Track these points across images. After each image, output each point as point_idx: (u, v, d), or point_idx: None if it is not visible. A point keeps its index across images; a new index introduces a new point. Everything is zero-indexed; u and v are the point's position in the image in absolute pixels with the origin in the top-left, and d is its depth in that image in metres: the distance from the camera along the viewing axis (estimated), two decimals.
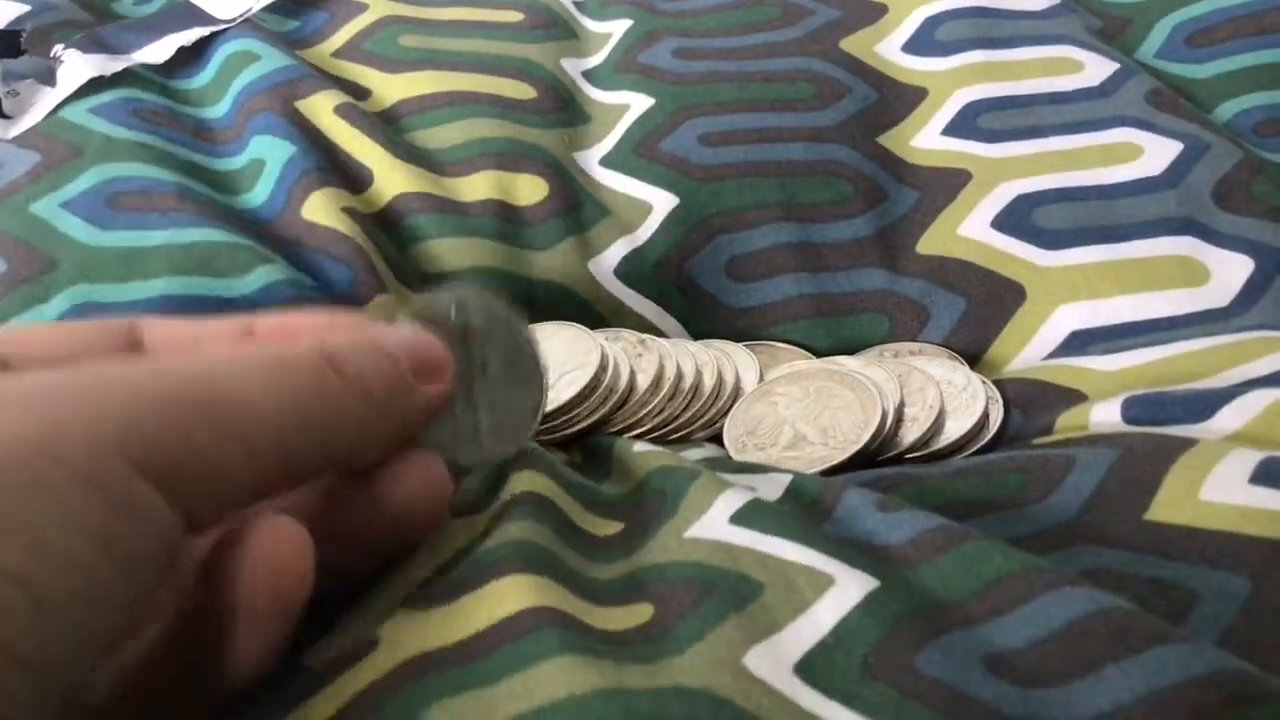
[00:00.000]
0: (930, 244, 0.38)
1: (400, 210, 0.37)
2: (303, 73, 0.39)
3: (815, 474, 0.30)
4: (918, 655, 0.18)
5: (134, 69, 0.39)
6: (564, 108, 0.41)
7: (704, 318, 0.38)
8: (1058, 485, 0.25)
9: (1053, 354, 0.35)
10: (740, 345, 0.37)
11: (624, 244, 0.38)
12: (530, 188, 0.38)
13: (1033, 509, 0.25)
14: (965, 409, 0.33)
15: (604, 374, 0.33)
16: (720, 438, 0.34)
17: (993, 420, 0.33)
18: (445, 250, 0.36)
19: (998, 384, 0.34)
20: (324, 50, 0.43)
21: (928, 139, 0.40)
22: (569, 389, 0.32)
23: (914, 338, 0.37)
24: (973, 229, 0.38)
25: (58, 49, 0.39)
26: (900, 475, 0.28)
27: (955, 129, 0.40)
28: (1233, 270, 0.35)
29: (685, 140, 0.40)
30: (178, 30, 0.42)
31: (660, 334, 0.37)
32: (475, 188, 0.37)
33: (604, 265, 0.38)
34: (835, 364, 0.35)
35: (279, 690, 0.18)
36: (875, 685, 0.17)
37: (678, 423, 0.34)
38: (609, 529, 0.24)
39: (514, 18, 0.45)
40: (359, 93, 0.41)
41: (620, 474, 0.28)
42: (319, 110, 0.38)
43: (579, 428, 0.32)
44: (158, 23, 0.42)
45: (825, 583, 0.19)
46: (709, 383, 0.34)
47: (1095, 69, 0.41)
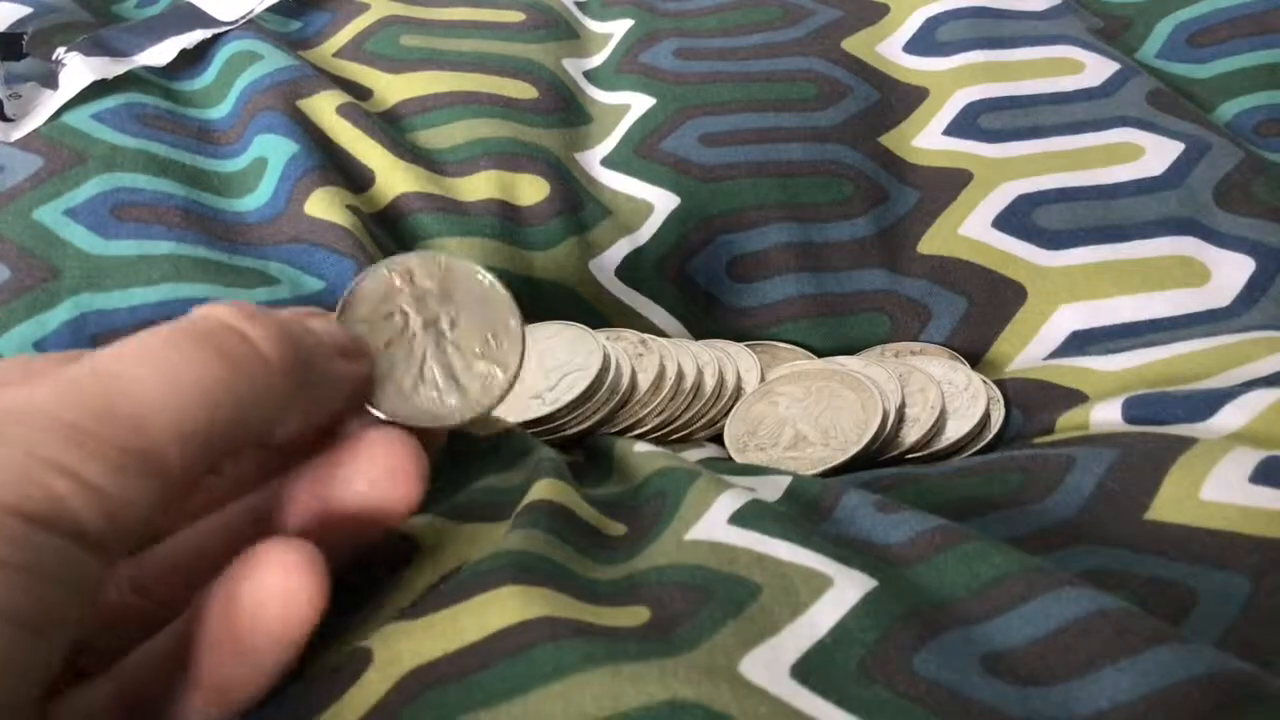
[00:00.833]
0: (931, 244, 0.38)
1: (402, 210, 0.37)
2: (305, 73, 0.39)
3: (816, 474, 0.31)
4: (915, 656, 0.18)
5: (136, 72, 0.39)
6: (565, 108, 0.41)
7: (705, 318, 0.38)
8: (1058, 485, 0.25)
9: (1054, 354, 0.36)
10: (741, 345, 0.37)
11: (625, 244, 0.38)
12: (532, 188, 0.38)
13: (1033, 508, 0.25)
14: (966, 409, 0.33)
15: (606, 374, 0.33)
16: (721, 438, 0.34)
17: (994, 420, 0.33)
18: (447, 249, 0.36)
19: (999, 384, 0.34)
20: (325, 50, 0.43)
21: (929, 139, 0.40)
22: (571, 390, 0.32)
23: (915, 338, 0.37)
24: (974, 229, 0.38)
25: (59, 52, 0.39)
26: (901, 475, 0.28)
27: (956, 129, 0.40)
28: (1234, 270, 0.35)
29: (686, 140, 0.40)
30: (180, 32, 0.41)
31: (661, 334, 0.37)
32: (477, 187, 0.37)
33: (605, 265, 0.38)
34: (836, 364, 0.35)
35: (274, 708, 0.18)
36: (873, 687, 0.17)
37: (679, 423, 0.34)
38: (616, 530, 0.24)
39: (515, 18, 0.45)
40: (361, 93, 0.41)
41: (621, 475, 0.28)
42: (321, 110, 0.39)
43: (581, 428, 0.32)
44: (159, 25, 0.42)
45: (823, 584, 0.19)
46: (710, 383, 0.34)
47: (1096, 69, 0.41)
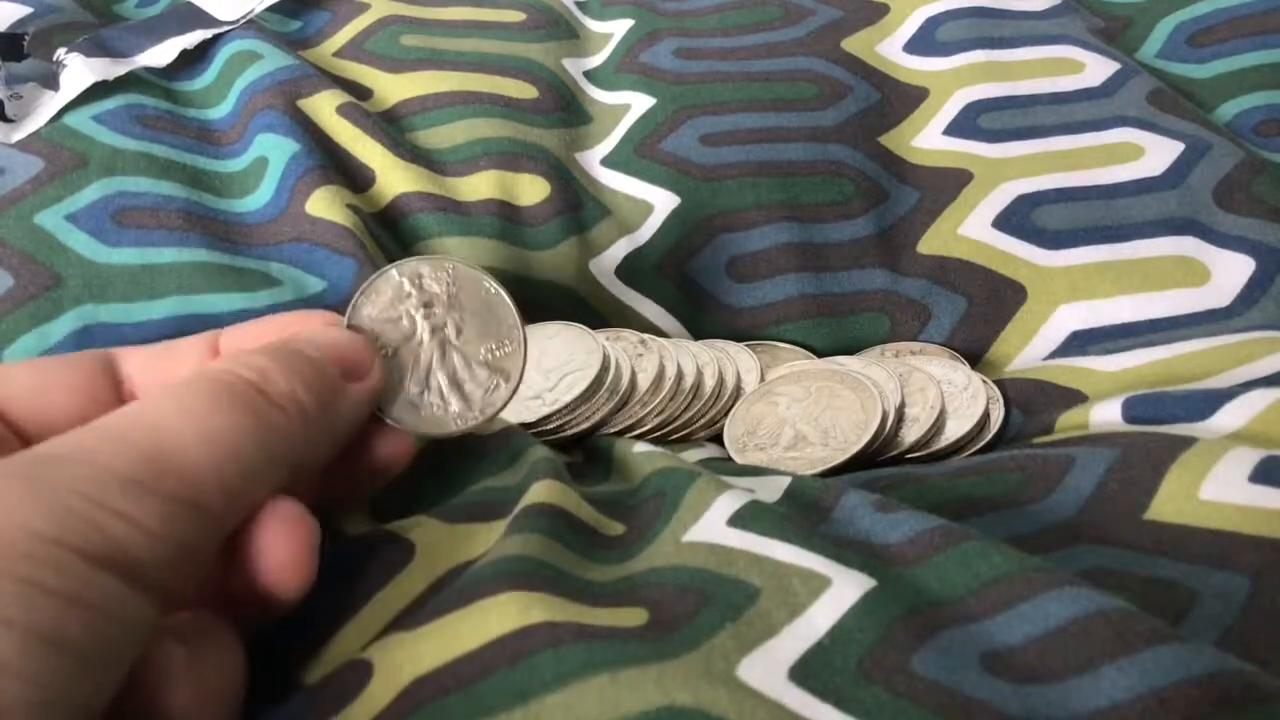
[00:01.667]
0: (931, 244, 0.38)
1: (402, 210, 0.37)
2: (305, 72, 0.39)
3: (816, 474, 0.31)
4: (914, 656, 0.18)
5: (137, 73, 0.39)
6: (565, 108, 0.41)
7: (705, 317, 0.38)
8: (1058, 484, 0.25)
9: (1053, 354, 0.36)
10: (741, 345, 0.37)
11: (625, 244, 0.38)
12: (532, 188, 0.38)
13: (1033, 508, 0.25)
14: (966, 409, 0.33)
15: (606, 374, 0.33)
16: (721, 438, 0.34)
17: (993, 420, 0.33)
18: (446, 249, 0.36)
19: (998, 384, 0.34)
20: (326, 50, 0.43)
21: (929, 139, 0.40)
22: (571, 390, 0.32)
23: (915, 337, 0.37)
24: (974, 229, 0.38)
25: (60, 52, 0.39)
26: (900, 475, 0.28)
27: (956, 129, 0.40)
28: (1233, 270, 0.35)
29: (686, 140, 0.40)
30: (180, 33, 0.41)
31: (661, 334, 0.37)
32: (476, 187, 0.37)
33: (605, 265, 0.38)
34: (836, 364, 0.35)
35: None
36: (871, 688, 0.17)
37: (678, 422, 0.34)
38: (615, 529, 0.24)
39: (515, 17, 0.45)
40: (361, 92, 0.41)
41: (620, 475, 0.28)
42: (321, 110, 0.38)
43: (581, 428, 0.32)
44: (160, 25, 0.42)
45: (822, 585, 0.19)
46: (710, 383, 0.34)
47: (1096, 69, 0.41)
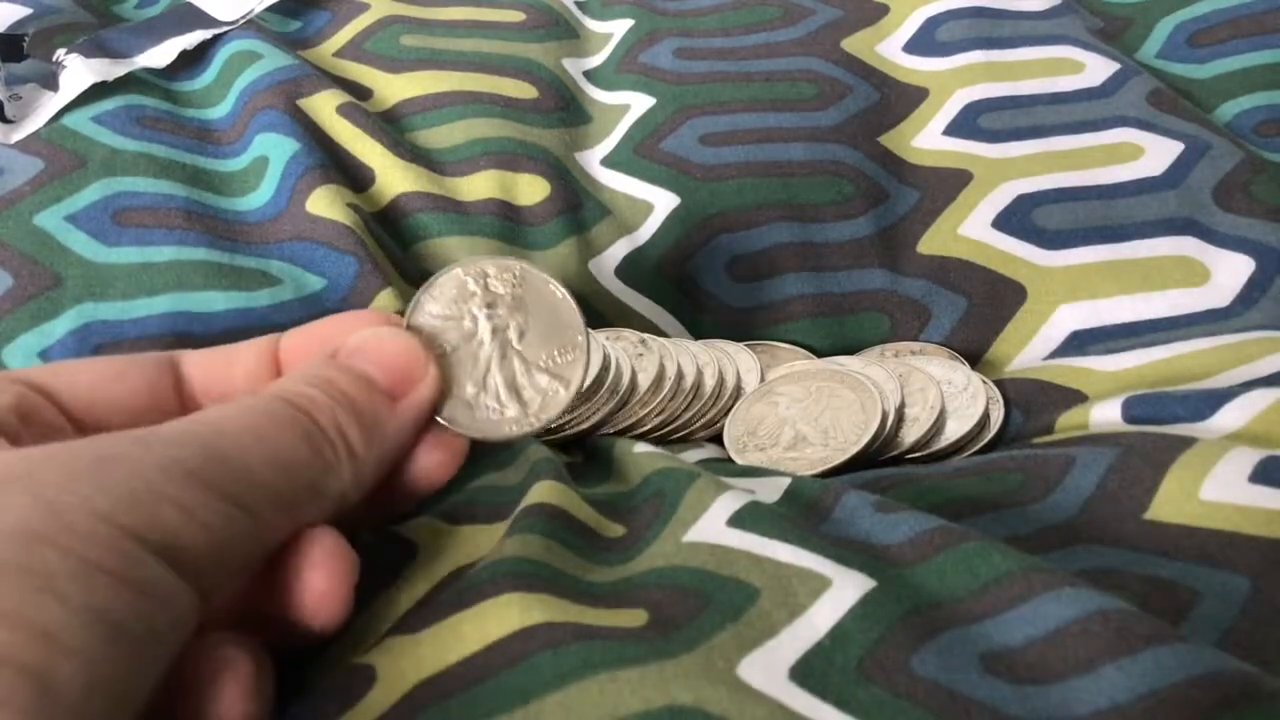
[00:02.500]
0: (931, 244, 0.38)
1: (402, 209, 0.37)
2: (305, 72, 0.39)
3: (816, 474, 0.31)
4: (914, 656, 0.18)
5: (136, 73, 0.39)
6: (565, 107, 0.41)
7: (705, 317, 0.38)
8: (1058, 484, 0.25)
9: (1053, 354, 0.36)
10: (741, 345, 0.37)
11: (625, 244, 0.38)
12: (531, 187, 0.38)
13: (1033, 508, 0.25)
14: (966, 409, 0.33)
15: (606, 374, 0.33)
16: (721, 438, 0.34)
17: (993, 420, 0.33)
18: (446, 249, 0.36)
19: (998, 384, 0.34)
20: (325, 50, 0.43)
21: (929, 139, 0.40)
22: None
23: (915, 337, 0.37)
24: (973, 229, 0.38)
25: (60, 53, 0.39)
26: (900, 475, 0.28)
27: (956, 129, 0.40)
28: (1233, 270, 0.35)
29: (686, 140, 0.40)
30: (180, 33, 0.41)
31: (661, 334, 0.37)
32: (476, 187, 0.37)
33: (605, 265, 0.38)
34: (836, 364, 0.35)
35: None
36: (871, 688, 0.17)
37: (678, 422, 0.34)
38: (614, 531, 0.24)
39: (515, 17, 0.45)
40: (361, 92, 0.41)
41: (620, 475, 0.28)
42: (321, 109, 0.38)
43: (581, 428, 0.32)
44: (160, 25, 0.42)
45: (822, 585, 0.19)
46: (710, 383, 0.34)
47: (1096, 69, 0.41)
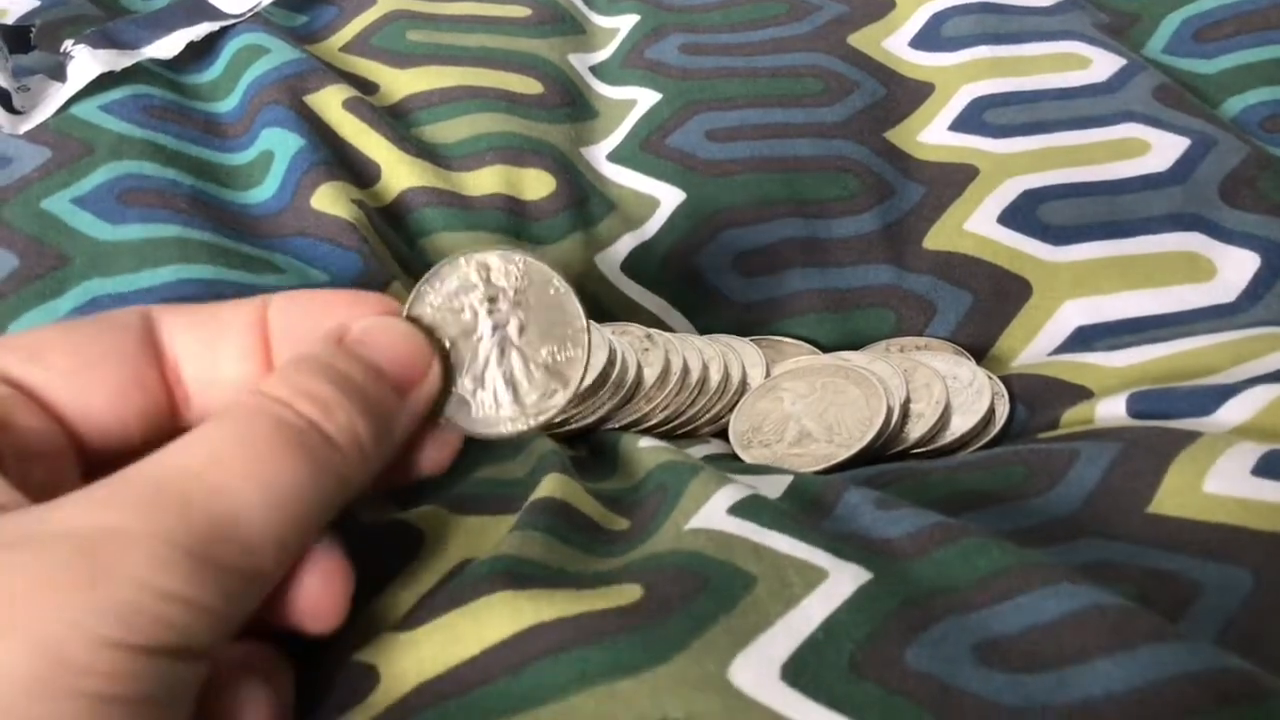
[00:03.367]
0: (937, 239, 0.38)
1: (408, 204, 0.37)
2: (311, 66, 0.39)
3: (820, 470, 0.31)
4: (908, 650, 0.18)
5: (144, 64, 0.39)
6: (571, 103, 0.42)
7: (710, 312, 0.38)
8: (1061, 478, 0.25)
9: (1058, 349, 0.36)
10: (746, 340, 0.37)
11: (631, 239, 0.38)
12: (537, 182, 0.38)
13: (1036, 502, 0.25)
14: (971, 404, 0.33)
15: (611, 368, 0.33)
16: (726, 433, 0.34)
17: (998, 416, 0.33)
18: (452, 244, 0.36)
19: (1003, 379, 0.34)
20: (332, 45, 0.43)
21: (935, 134, 0.40)
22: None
23: (920, 333, 0.37)
24: (979, 224, 0.38)
25: (67, 44, 0.39)
26: (904, 470, 0.28)
27: (962, 124, 0.40)
28: (1239, 266, 0.35)
29: (692, 136, 0.40)
30: (187, 25, 0.42)
31: (667, 329, 0.38)
32: (482, 182, 0.37)
33: (611, 260, 0.38)
34: (841, 359, 0.35)
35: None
36: (863, 684, 0.17)
37: (684, 417, 0.34)
38: (619, 525, 0.24)
39: (521, 13, 0.45)
40: (367, 87, 0.41)
41: (625, 470, 0.28)
42: (327, 104, 0.39)
43: (586, 422, 0.33)
44: (167, 18, 0.42)
45: (818, 577, 0.20)
46: (715, 378, 0.34)
47: (1102, 64, 0.41)
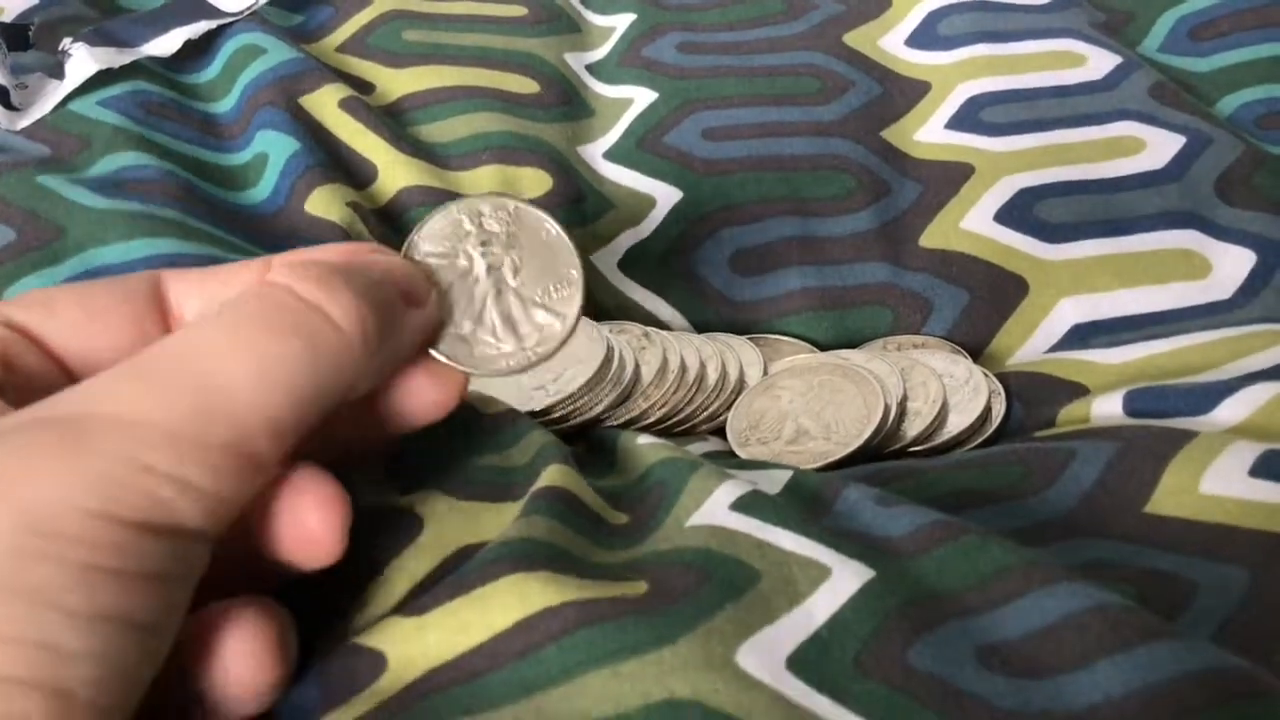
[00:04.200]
0: (933, 237, 0.38)
1: (404, 204, 0.37)
2: (308, 67, 0.39)
3: (817, 468, 0.31)
4: (911, 649, 0.18)
5: (141, 62, 0.39)
6: (567, 102, 0.42)
7: (707, 311, 0.38)
8: (1058, 477, 0.25)
9: (1055, 347, 0.36)
10: (744, 338, 0.37)
11: (628, 237, 0.38)
12: (534, 181, 0.38)
13: (1033, 501, 0.25)
14: (967, 402, 0.33)
15: (609, 366, 0.33)
16: (723, 431, 0.34)
17: (995, 414, 0.33)
18: None
19: (1000, 377, 0.34)
20: (328, 45, 0.43)
21: (931, 133, 0.40)
22: (574, 381, 0.32)
23: (917, 331, 0.37)
24: (975, 222, 0.38)
25: (65, 42, 0.39)
26: (902, 468, 0.28)
27: (958, 123, 0.40)
28: (1235, 263, 0.35)
29: (689, 134, 0.40)
30: (185, 24, 0.42)
31: (664, 327, 0.38)
32: (479, 181, 0.37)
33: (608, 258, 0.38)
34: (838, 358, 0.35)
35: (285, 707, 0.19)
36: (867, 681, 0.17)
37: (681, 415, 0.34)
38: (619, 519, 0.24)
39: (517, 12, 0.45)
40: (363, 87, 0.41)
41: (624, 467, 0.28)
42: (323, 105, 0.39)
43: (584, 419, 0.33)
44: (165, 16, 0.42)
45: (821, 574, 0.20)
46: (712, 375, 0.34)
47: (1098, 63, 0.41)
